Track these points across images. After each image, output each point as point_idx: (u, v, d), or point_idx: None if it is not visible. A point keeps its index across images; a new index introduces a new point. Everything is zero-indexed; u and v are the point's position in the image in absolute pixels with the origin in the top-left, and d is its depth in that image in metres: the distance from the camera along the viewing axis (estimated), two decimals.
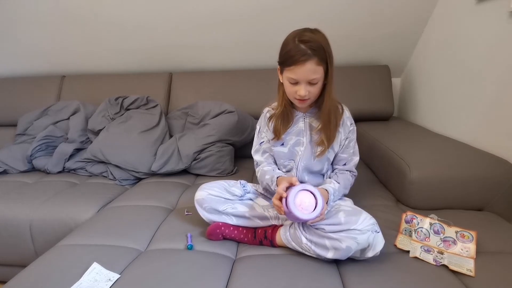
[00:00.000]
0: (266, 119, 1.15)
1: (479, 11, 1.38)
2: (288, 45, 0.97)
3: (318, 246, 0.93)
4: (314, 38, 0.94)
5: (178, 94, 2.02)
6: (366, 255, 0.91)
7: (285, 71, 1.00)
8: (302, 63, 0.94)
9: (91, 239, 1.09)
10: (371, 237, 0.88)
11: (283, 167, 1.15)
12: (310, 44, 0.93)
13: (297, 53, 0.94)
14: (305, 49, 0.93)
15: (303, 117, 1.12)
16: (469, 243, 0.95)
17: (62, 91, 2.11)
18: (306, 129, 1.11)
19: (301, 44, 0.94)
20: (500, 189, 1.15)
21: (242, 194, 1.15)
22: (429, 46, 1.78)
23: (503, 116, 1.24)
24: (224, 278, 0.91)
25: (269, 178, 1.10)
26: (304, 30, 0.97)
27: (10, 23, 1.96)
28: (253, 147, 1.21)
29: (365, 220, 0.90)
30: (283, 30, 1.03)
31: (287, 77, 0.99)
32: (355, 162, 1.16)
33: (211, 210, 1.08)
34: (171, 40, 1.97)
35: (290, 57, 0.95)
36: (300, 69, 0.95)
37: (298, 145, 1.11)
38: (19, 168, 1.74)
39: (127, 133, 1.73)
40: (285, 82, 1.02)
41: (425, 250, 0.98)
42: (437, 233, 1.01)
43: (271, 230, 1.05)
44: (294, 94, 1.01)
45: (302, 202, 0.92)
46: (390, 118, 1.97)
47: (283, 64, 0.99)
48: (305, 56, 0.93)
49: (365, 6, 1.74)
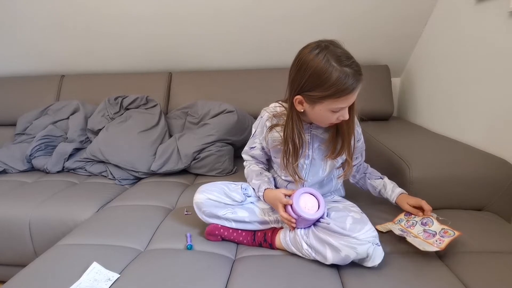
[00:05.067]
0: (265, 128, 1.08)
1: (479, 11, 1.38)
2: (331, 73, 0.84)
3: (318, 254, 0.93)
4: (350, 56, 0.87)
5: (178, 94, 2.02)
6: (365, 264, 0.90)
7: (326, 102, 0.88)
8: (354, 90, 0.87)
9: (90, 238, 1.09)
10: (370, 249, 0.87)
11: (284, 176, 1.11)
12: (354, 65, 0.85)
13: (351, 82, 0.84)
14: (355, 74, 0.84)
15: (309, 128, 1.04)
16: (447, 238, 0.94)
17: (61, 90, 2.11)
18: (312, 141, 1.05)
19: (347, 69, 0.84)
20: (500, 189, 1.15)
21: (242, 200, 1.10)
22: (429, 46, 1.78)
23: (503, 116, 1.24)
24: (223, 278, 0.91)
25: (257, 184, 1.10)
26: (329, 49, 0.86)
27: (10, 23, 1.95)
28: (245, 147, 1.19)
29: (368, 231, 0.89)
30: (284, 31, 1.03)
31: (330, 108, 0.89)
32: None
33: (211, 214, 1.06)
34: (171, 39, 1.97)
35: (343, 89, 0.84)
36: (351, 97, 0.87)
37: (302, 157, 1.05)
38: (18, 167, 1.73)
39: (127, 133, 1.73)
40: (324, 112, 0.91)
41: (401, 230, 1.00)
42: (423, 224, 1.01)
43: (270, 233, 1.05)
44: (333, 120, 0.93)
45: (306, 204, 0.97)
46: (389, 118, 1.97)
47: (328, 96, 0.87)
48: (358, 82, 0.85)
49: (365, 6, 1.74)
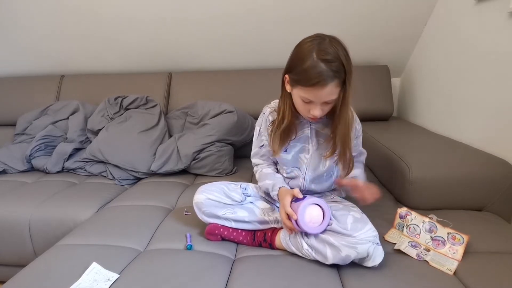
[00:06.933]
0: (268, 122, 1.08)
1: (478, 11, 1.38)
2: (306, 61, 0.84)
3: (318, 253, 0.93)
4: (335, 54, 0.83)
5: (178, 94, 2.02)
6: (365, 264, 0.90)
7: (298, 88, 0.89)
8: (321, 87, 0.84)
9: (90, 239, 1.09)
10: (371, 248, 0.87)
11: (285, 173, 1.10)
12: (331, 64, 0.83)
13: (317, 75, 0.83)
14: (327, 71, 0.82)
15: (309, 123, 1.04)
16: (458, 245, 0.94)
17: (61, 90, 2.11)
18: (312, 136, 1.04)
19: (321, 63, 0.83)
20: (500, 190, 1.15)
21: (242, 200, 1.10)
22: (428, 46, 1.78)
23: (503, 116, 1.24)
24: (223, 278, 0.91)
25: (271, 184, 1.06)
26: (323, 42, 0.85)
27: (10, 23, 1.95)
28: (252, 150, 1.15)
29: (368, 231, 0.89)
30: (283, 31, 1.03)
31: (300, 96, 0.90)
32: (365, 156, 1.16)
33: (210, 214, 1.06)
34: (171, 40, 1.96)
35: (308, 79, 0.84)
36: (318, 92, 0.85)
37: (303, 152, 1.06)
38: (18, 167, 1.73)
39: (127, 133, 1.73)
40: (297, 98, 0.92)
41: (412, 245, 0.98)
42: (428, 231, 1.00)
43: (270, 233, 1.05)
44: (306, 112, 0.93)
45: (311, 217, 0.93)
46: (389, 118, 1.97)
47: (298, 81, 0.88)
48: (327, 80, 0.83)
49: (365, 6, 1.73)
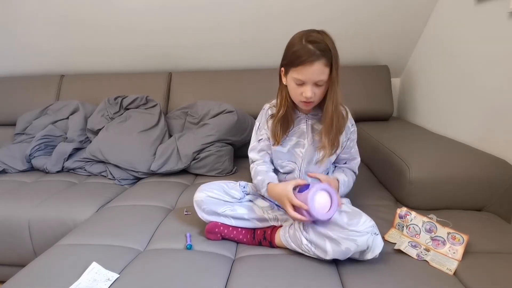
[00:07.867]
0: (267, 116, 1.12)
1: (478, 11, 1.38)
2: (295, 45, 0.95)
3: (318, 248, 0.93)
4: (321, 39, 0.93)
5: (178, 94, 2.01)
6: (365, 257, 0.91)
7: (291, 72, 0.97)
8: (310, 64, 0.92)
9: (90, 238, 1.09)
10: (370, 239, 0.88)
11: (281, 168, 1.13)
12: (318, 45, 0.92)
13: (305, 53, 0.92)
14: (313, 50, 0.91)
15: (305, 118, 1.09)
16: (458, 245, 0.95)
17: (61, 90, 2.10)
18: (308, 131, 1.08)
19: (308, 44, 0.92)
20: (500, 190, 1.15)
21: (241, 197, 1.13)
22: (428, 46, 1.78)
23: (503, 117, 1.24)
24: (223, 278, 0.90)
25: (260, 179, 1.08)
26: (311, 31, 0.95)
27: (10, 22, 1.95)
28: (250, 144, 1.18)
29: (365, 222, 0.90)
30: (283, 30, 1.03)
31: (293, 78, 0.97)
32: (357, 162, 1.16)
33: (210, 212, 1.07)
34: (171, 39, 1.96)
35: (298, 58, 0.93)
36: (308, 70, 0.93)
37: (299, 146, 1.09)
38: (18, 167, 1.73)
39: (127, 133, 1.73)
40: (291, 83, 1.00)
41: (412, 245, 0.98)
42: (428, 231, 1.01)
43: (270, 231, 1.05)
44: (299, 96, 0.99)
45: (320, 204, 0.92)
46: (389, 118, 1.97)
47: (290, 64, 0.97)
48: (313, 57, 0.91)
49: (365, 6, 1.74)
